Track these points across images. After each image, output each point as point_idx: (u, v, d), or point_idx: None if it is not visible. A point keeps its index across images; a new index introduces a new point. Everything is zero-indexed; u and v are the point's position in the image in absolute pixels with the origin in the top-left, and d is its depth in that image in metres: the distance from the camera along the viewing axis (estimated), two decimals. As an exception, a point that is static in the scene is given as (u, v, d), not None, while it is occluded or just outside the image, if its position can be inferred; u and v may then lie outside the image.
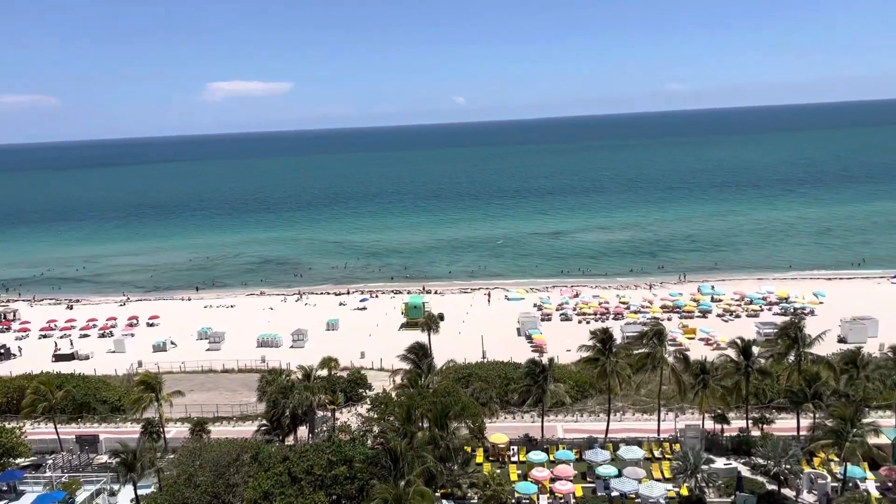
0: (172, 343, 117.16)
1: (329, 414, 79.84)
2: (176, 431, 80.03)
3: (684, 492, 61.51)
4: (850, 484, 60.40)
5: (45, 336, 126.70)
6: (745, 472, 65.11)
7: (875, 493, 59.79)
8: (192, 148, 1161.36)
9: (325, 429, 76.03)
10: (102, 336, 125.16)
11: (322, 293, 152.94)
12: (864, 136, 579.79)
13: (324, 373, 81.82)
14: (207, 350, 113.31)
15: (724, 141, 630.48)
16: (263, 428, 72.99)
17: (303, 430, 74.90)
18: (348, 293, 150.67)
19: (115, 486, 65.68)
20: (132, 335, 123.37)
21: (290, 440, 72.71)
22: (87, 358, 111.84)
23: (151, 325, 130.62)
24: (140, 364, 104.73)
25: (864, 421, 60.49)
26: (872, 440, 60.34)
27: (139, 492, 60.37)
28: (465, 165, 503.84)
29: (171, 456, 67.03)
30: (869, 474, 63.11)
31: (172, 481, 56.26)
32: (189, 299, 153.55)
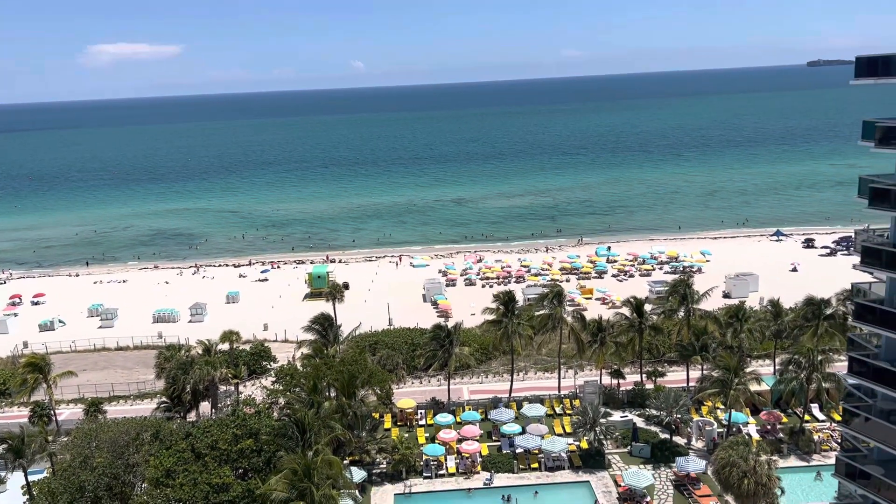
0: (61, 322, 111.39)
1: (232, 388, 78.47)
2: (69, 413, 76.74)
3: (584, 445, 64.42)
4: (735, 429, 64.99)
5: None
6: (640, 423, 68.78)
7: (756, 436, 64.51)
8: (72, 115, 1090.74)
9: (228, 403, 74.65)
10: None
11: (220, 265, 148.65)
12: (741, 102, 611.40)
13: (225, 347, 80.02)
14: (100, 327, 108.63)
15: (616, 107, 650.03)
16: (163, 405, 71.08)
17: (205, 406, 73.37)
18: (249, 264, 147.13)
19: (3, 474, 62.36)
20: (15, 315, 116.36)
21: (192, 416, 71.10)
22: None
23: (37, 303, 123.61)
24: (26, 345, 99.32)
25: (747, 370, 65.11)
26: (754, 387, 65.01)
27: (31, 478, 57.57)
28: (363, 132, 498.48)
29: (65, 439, 64.19)
30: (751, 419, 68.12)
31: (66, 465, 53.84)
32: (77, 275, 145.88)
